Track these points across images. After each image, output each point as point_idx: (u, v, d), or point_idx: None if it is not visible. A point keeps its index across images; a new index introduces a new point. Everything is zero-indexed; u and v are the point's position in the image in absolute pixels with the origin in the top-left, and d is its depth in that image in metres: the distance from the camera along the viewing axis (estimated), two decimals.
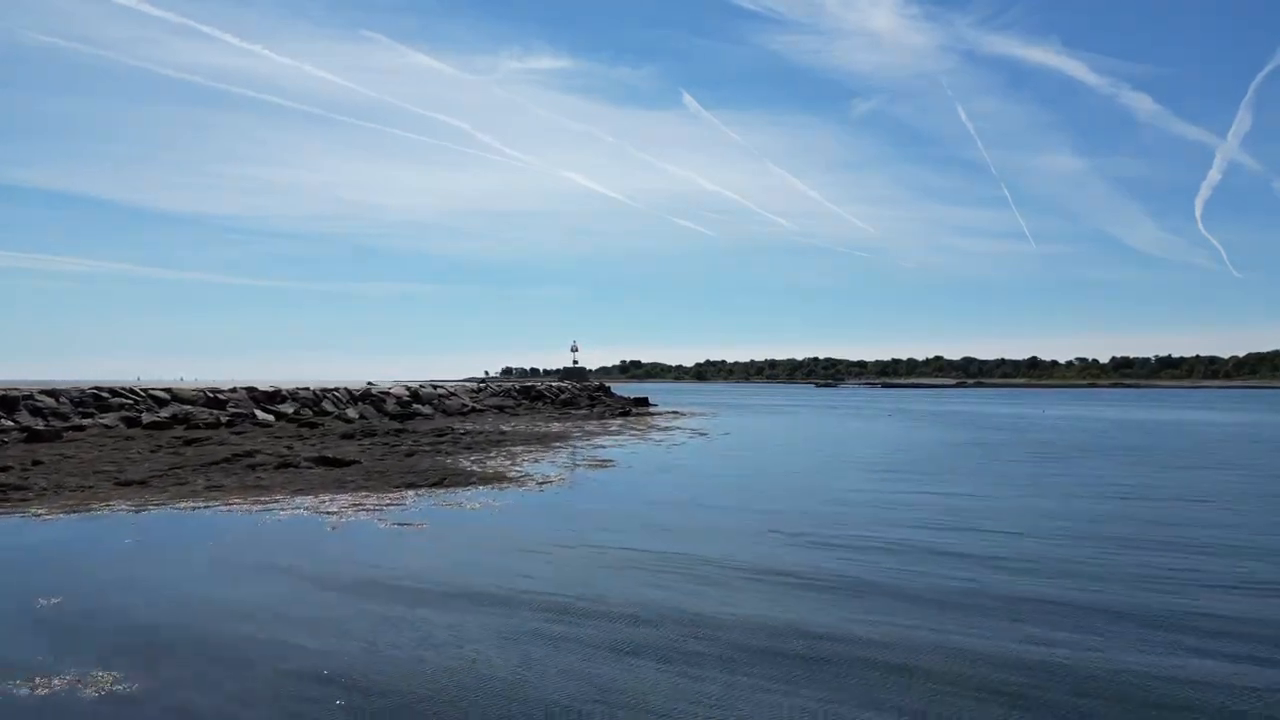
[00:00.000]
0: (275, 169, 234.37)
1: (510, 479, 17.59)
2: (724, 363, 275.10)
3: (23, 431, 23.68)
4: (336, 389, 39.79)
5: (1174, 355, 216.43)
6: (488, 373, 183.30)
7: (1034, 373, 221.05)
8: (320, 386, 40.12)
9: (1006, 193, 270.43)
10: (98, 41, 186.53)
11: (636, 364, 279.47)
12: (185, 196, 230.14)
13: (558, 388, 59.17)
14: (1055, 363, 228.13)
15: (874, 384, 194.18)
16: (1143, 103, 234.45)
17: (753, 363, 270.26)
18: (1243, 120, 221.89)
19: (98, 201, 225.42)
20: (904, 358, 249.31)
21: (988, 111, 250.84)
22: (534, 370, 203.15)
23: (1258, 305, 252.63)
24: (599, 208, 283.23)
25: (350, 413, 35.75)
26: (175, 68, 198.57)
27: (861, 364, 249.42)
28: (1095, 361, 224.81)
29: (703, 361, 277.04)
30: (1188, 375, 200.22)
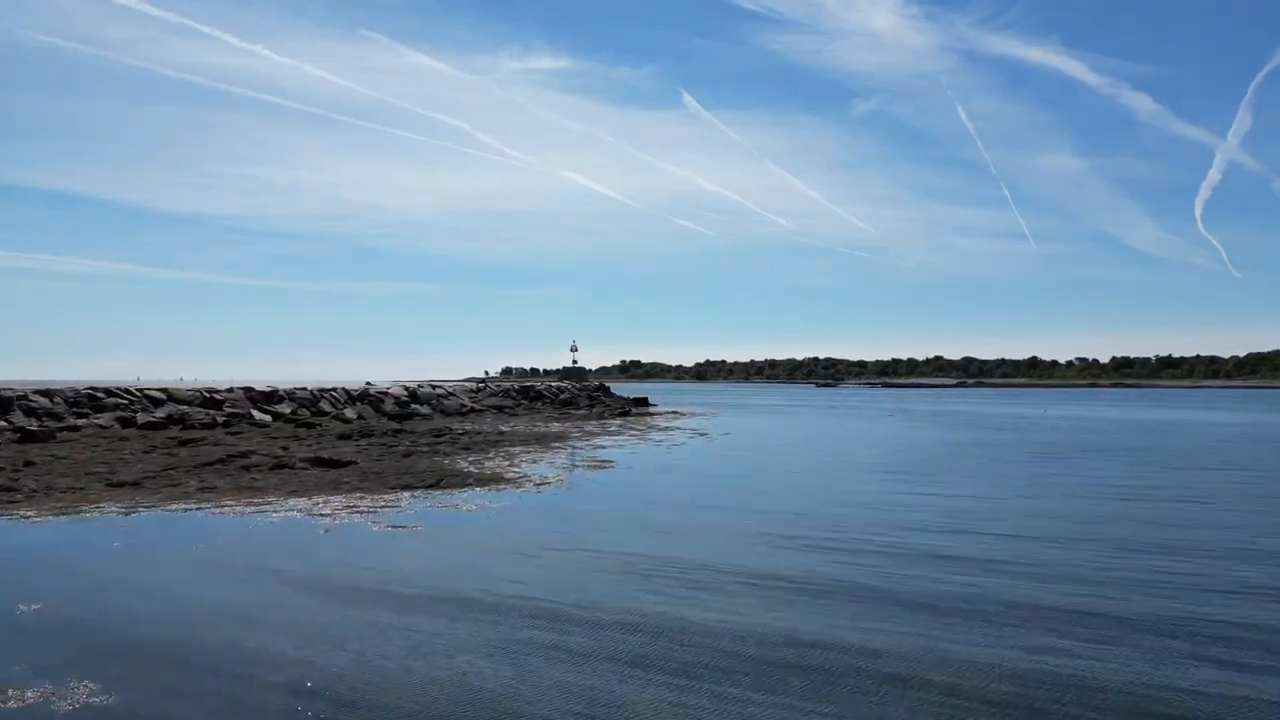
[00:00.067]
0: (275, 169, 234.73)
1: (508, 480, 17.45)
2: (724, 363, 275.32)
3: (15, 432, 23.55)
4: (334, 389, 39.62)
5: (1174, 355, 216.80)
6: (487, 373, 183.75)
7: (1034, 373, 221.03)
8: (318, 386, 39.94)
9: (1006, 193, 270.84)
10: (98, 41, 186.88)
11: (636, 364, 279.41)
12: (185, 196, 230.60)
13: (557, 388, 59.01)
14: (1055, 363, 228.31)
15: (874, 384, 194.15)
16: (1143, 103, 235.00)
17: (753, 363, 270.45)
18: (1242, 120, 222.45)
19: (98, 201, 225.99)
20: (904, 358, 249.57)
21: (988, 111, 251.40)
22: (533, 370, 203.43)
23: (1258, 305, 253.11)
24: (599, 208, 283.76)
25: (348, 413, 35.58)
26: (175, 68, 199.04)
27: (861, 364, 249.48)
28: (1095, 361, 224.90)
29: (703, 361, 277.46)
30: (1188, 375, 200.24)
